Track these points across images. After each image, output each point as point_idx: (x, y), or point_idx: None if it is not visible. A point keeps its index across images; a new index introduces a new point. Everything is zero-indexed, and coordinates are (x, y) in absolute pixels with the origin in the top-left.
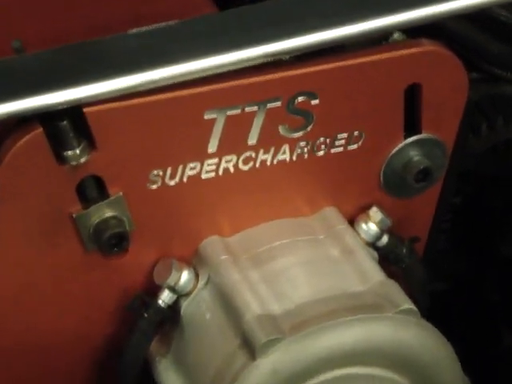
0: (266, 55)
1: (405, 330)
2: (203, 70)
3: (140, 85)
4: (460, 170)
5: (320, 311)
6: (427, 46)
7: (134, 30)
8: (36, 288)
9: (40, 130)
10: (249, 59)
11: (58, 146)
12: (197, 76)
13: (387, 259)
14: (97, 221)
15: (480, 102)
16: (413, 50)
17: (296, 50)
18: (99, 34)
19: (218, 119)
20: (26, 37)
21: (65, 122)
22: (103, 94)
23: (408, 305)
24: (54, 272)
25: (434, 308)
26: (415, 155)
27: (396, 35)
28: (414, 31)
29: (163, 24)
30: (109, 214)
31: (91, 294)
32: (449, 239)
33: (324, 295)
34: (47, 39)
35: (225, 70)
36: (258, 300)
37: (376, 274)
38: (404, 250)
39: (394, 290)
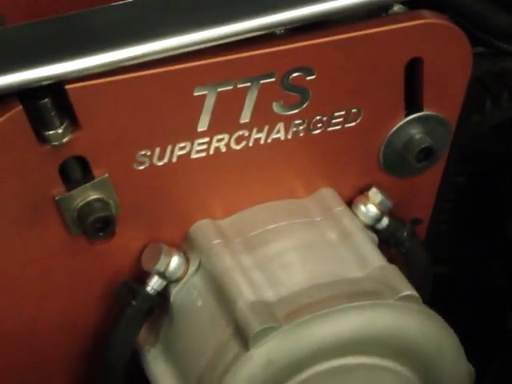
0: (259, 28)
1: (406, 318)
2: (193, 44)
3: (125, 59)
4: (464, 149)
5: (316, 298)
6: (429, 19)
7: (120, 2)
8: (18, 273)
9: (19, 108)
10: (241, 32)
11: (38, 125)
12: (187, 50)
13: (387, 242)
14: (81, 204)
15: (484, 77)
16: (414, 23)
17: (291, 22)
18: (83, 5)
19: (208, 96)
20: (5, 9)
21: (46, 100)
22: (86, 69)
23: (409, 291)
24: (36, 257)
25: (436, 292)
26: (416, 133)
27: (396, 7)
28: (415, 3)
29: None
30: (93, 196)
31: (76, 280)
32: (451, 220)
33: (321, 281)
34: (28, 11)
35: (216, 43)
36: (251, 286)
37: (375, 259)
38: (405, 233)
39: (395, 276)
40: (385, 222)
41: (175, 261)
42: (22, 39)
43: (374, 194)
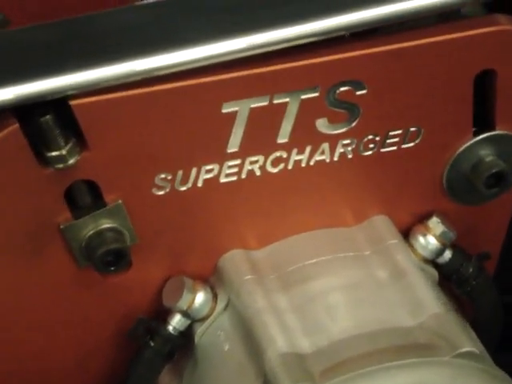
0: (301, 36)
1: (465, 380)
2: (222, 55)
3: (141, 72)
4: None
5: (360, 352)
6: (504, 25)
7: (138, 2)
8: (20, 308)
9: (16, 126)
10: (279, 41)
11: (40, 145)
12: (214, 61)
13: (450, 279)
14: (90, 233)
15: None
16: (485, 30)
17: (341, 28)
18: (97, 5)
19: (239, 113)
20: (10, 9)
21: (47, 117)
22: (94, 83)
23: (470, 346)
24: (41, 292)
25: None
26: (487, 155)
27: (469, 8)
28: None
29: None
30: (105, 225)
31: (86, 316)
32: None
33: (366, 330)
34: (35, 12)
35: (248, 54)
36: (284, 333)
37: (432, 305)
38: (470, 269)
39: (454, 326)
40: (447, 255)
41: (200, 297)
42: (20, 46)
43: (435, 224)
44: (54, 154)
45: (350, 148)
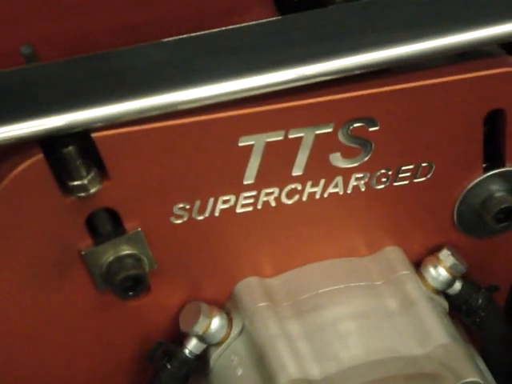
0: (325, 73)
1: None
2: (239, 92)
3: (161, 107)
4: None
5: (368, 379)
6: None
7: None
8: (41, 330)
9: (40, 156)
10: (296, 79)
11: (62, 174)
12: (233, 98)
13: (459, 309)
14: (110, 259)
15: None
16: (494, 71)
17: (356, 68)
18: (125, 39)
19: (255, 146)
20: (38, 40)
21: (70, 148)
22: (116, 117)
23: (474, 377)
24: (62, 314)
25: None
26: (497, 191)
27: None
28: None
29: (198, 32)
30: (125, 252)
31: (105, 339)
32: None
33: (374, 358)
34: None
35: (264, 91)
36: (295, 360)
37: (439, 336)
38: (480, 301)
39: (460, 357)
40: (457, 286)
41: (216, 323)
42: (47, 80)
43: (446, 257)
44: (76, 183)
45: (362, 181)
